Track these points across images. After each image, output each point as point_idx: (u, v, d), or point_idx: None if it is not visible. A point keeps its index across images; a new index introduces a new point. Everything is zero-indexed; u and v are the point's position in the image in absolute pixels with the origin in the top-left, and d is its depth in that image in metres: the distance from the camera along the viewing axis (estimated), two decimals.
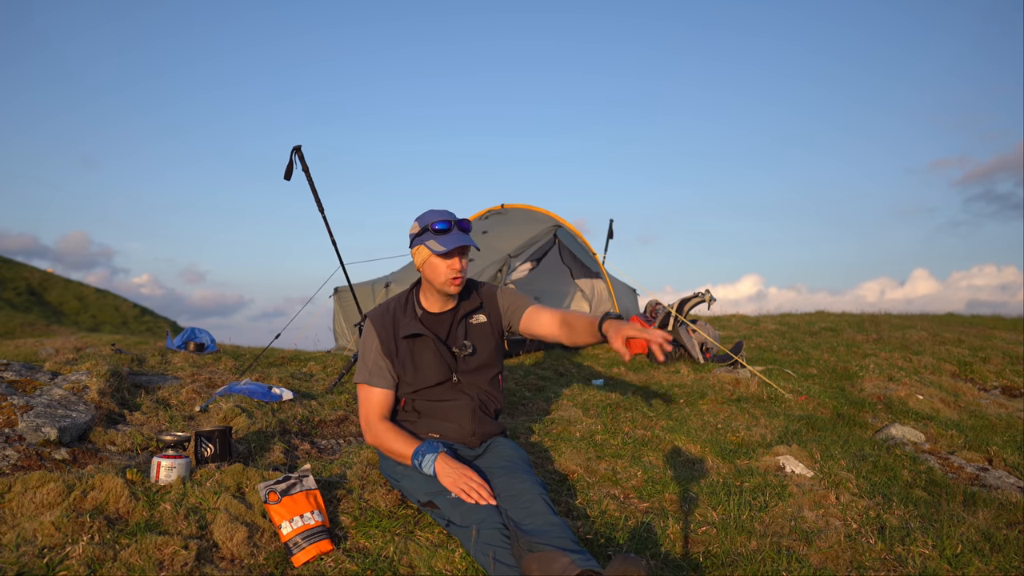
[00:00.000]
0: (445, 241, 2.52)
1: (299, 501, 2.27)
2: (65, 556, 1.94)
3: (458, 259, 2.55)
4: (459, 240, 2.52)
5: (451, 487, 2.32)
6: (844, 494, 2.97)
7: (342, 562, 2.15)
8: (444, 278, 2.56)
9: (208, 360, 4.84)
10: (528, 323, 2.70)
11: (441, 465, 2.39)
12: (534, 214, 7.08)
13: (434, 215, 2.58)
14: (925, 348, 6.98)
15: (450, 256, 2.54)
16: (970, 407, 5.09)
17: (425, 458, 2.43)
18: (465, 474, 2.35)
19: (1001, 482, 3.42)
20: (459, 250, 2.55)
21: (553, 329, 2.63)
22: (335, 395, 4.15)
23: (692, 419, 4.20)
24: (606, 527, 2.59)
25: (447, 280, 2.56)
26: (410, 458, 2.47)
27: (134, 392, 3.62)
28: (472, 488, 2.29)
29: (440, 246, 2.51)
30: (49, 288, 29.82)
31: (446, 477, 2.35)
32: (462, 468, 2.38)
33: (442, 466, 2.38)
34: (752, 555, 2.41)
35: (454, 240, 2.52)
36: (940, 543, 2.54)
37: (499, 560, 2.06)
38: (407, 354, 2.64)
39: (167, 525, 2.19)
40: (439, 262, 2.55)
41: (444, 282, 2.57)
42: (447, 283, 2.57)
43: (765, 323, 9.64)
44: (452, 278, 2.55)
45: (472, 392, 2.67)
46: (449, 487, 2.33)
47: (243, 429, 3.17)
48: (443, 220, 2.55)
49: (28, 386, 3.26)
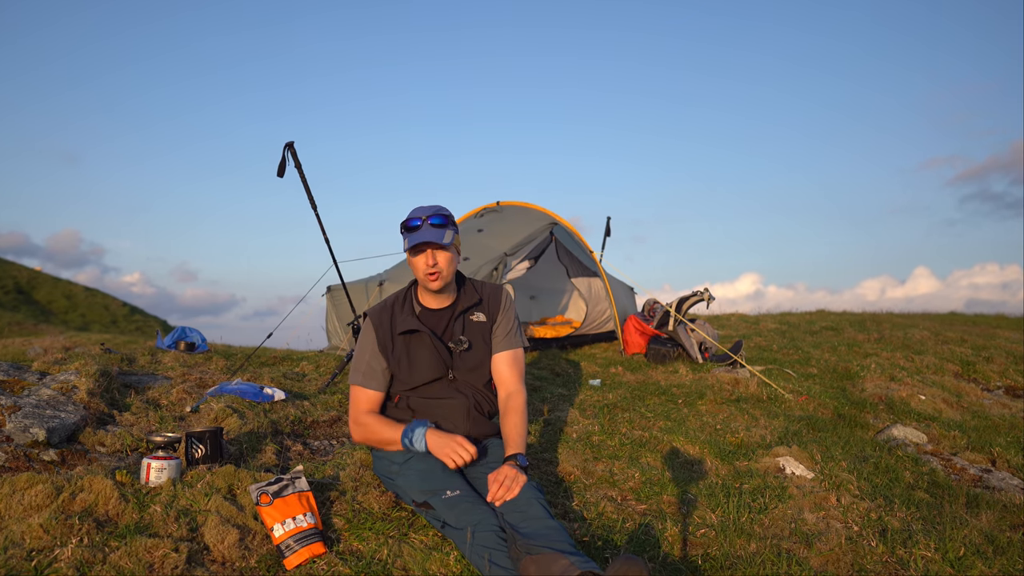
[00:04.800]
0: (411, 238, 2.54)
1: (291, 503, 2.24)
2: (54, 559, 1.91)
3: (429, 254, 2.52)
4: (423, 236, 2.51)
5: (445, 458, 2.39)
6: (845, 496, 2.94)
7: (335, 565, 2.12)
8: (421, 274, 2.57)
9: (199, 360, 4.81)
10: (494, 361, 2.72)
11: (432, 437, 2.45)
12: (530, 211, 7.04)
13: (413, 211, 2.60)
14: (927, 348, 6.96)
15: (416, 252, 2.55)
16: (973, 407, 5.06)
17: (415, 433, 2.48)
18: (456, 440, 2.43)
19: (1004, 484, 3.39)
20: (428, 245, 2.53)
21: (498, 392, 2.70)
22: (328, 395, 4.12)
23: (691, 420, 4.17)
24: (604, 529, 2.56)
25: (423, 276, 2.56)
26: (399, 441, 2.51)
27: (124, 392, 3.59)
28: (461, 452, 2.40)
29: (408, 243, 2.55)
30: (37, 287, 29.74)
31: (439, 448, 2.42)
32: (453, 436, 2.45)
33: (433, 438, 2.45)
34: (752, 558, 2.38)
35: (418, 237, 2.52)
36: (943, 546, 2.51)
37: (495, 563, 2.04)
38: (403, 350, 2.63)
39: (157, 527, 2.16)
40: (414, 259, 2.57)
41: (422, 278, 2.57)
42: (424, 279, 2.57)
43: (765, 322, 9.63)
44: (427, 274, 2.54)
45: (467, 392, 2.66)
46: (443, 458, 2.40)
47: (234, 430, 3.14)
48: (415, 216, 2.57)
49: (16, 386, 3.22)
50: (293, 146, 4.17)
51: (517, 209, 7.22)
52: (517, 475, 2.29)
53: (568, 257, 7.16)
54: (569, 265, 7.21)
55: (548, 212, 6.97)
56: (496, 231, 6.69)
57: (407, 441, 2.49)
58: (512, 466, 2.35)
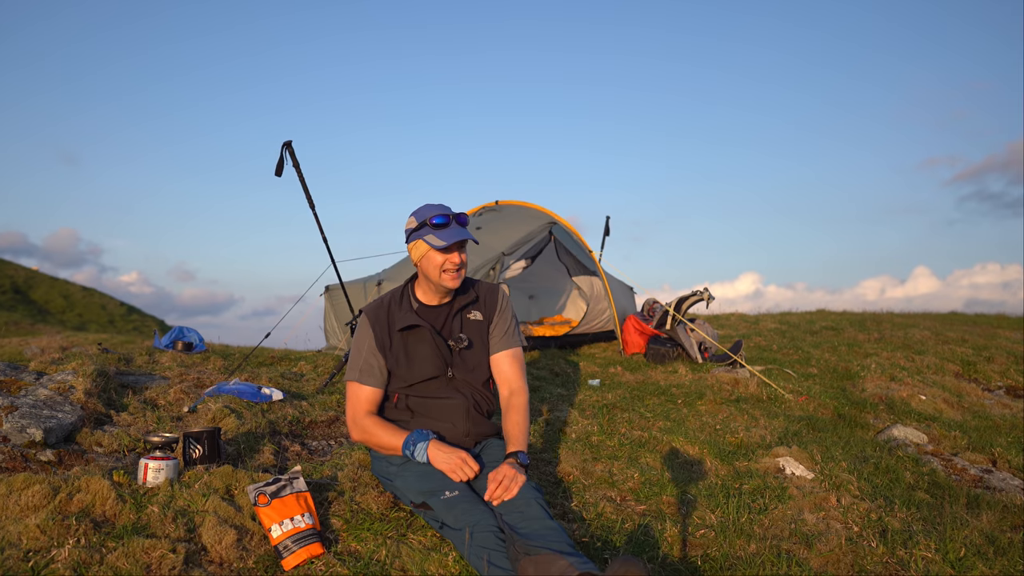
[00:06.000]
0: (445, 235, 2.51)
1: (289, 504, 2.24)
2: (51, 560, 1.90)
3: (457, 253, 2.55)
4: (458, 234, 2.52)
5: (448, 471, 2.37)
6: (845, 496, 2.93)
7: (333, 566, 2.11)
8: (444, 273, 2.55)
9: (196, 360, 4.80)
10: (494, 360, 2.72)
11: (434, 451, 2.43)
12: (529, 211, 7.03)
13: (431, 209, 2.57)
14: (928, 347, 6.95)
15: (449, 251, 2.53)
16: (974, 408, 5.06)
17: (417, 447, 2.46)
18: (460, 456, 2.40)
19: (1005, 484, 3.38)
20: (458, 244, 2.55)
21: (500, 390, 2.71)
22: (326, 395, 4.11)
23: (690, 420, 4.16)
24: (603, 530, 2.55)
25: (447, 275, 2.55)
26: (400, 448, 2.49)
27: (121, 392, 3.58)
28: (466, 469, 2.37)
29: (440, 240, 2.50)
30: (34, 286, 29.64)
31: (441, 462, 2.40)
32: (456, 451, 2.43)
33: (435, 451, 2.43)
34: (751, 558, 2.37)
35: (453, 235, 2.51)
36: (943, 546, 2.50)
37: (493, 563, 2.03)
38: (401, 347, 2.62)
39: (155, 528, 2.16)
40: (438, 256, 2.54)
41: (443, 277, 2.55)
42: (446, 277, 2.55)
43: (765, 322, 9.62)
44: (452, 273, 2.54)
45: (466, 391, 2.65)
46: (447, 471, 2.37)
47: (232, 430, 3.13)
48: (441, 214, 2.54)
49: (13, 386, 3.22)
50: (291, 145, 4.16)
51: (516, 208, 7.21)
52: (516, 475, 2.29)
53: (567, 256, 7.14)
54: (568, 264, 7.20)
55: (547, 211, 6.95)
56: (494, 230, 6.67)
57: (408, 453, 2.47)
58: (512, 465, 2.35)
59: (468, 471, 2.37)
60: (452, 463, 2.39)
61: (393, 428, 2.55)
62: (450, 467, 2.38)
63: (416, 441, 2.47)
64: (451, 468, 2.38)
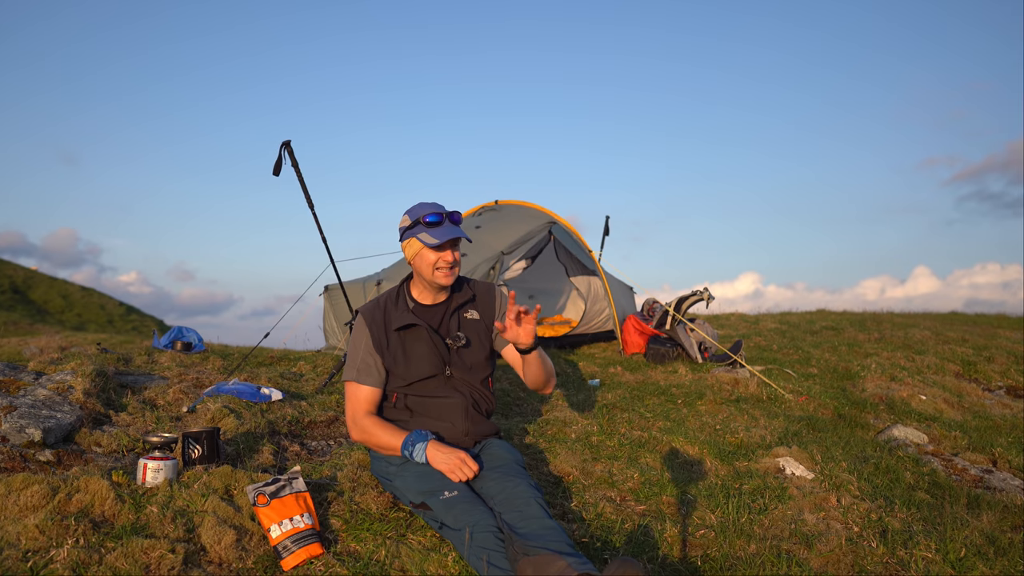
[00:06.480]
0: (438, 233, 2.52)
1: (288, 504, 2.23)
2: (49, 560, 1.90)
3: (450, 251, 2.56)
4: (451, 232, 2.53)
5: (447, 472, 2.37)
6: (845, 496, 2.93)
7: (332, 566, 2.11)
8: (437, 270, 2.55)
9: (196, 360, 4.79)
10: (507, 351, 2.76)
11: (433, 451, 2.43)
12: (528, 210, 7.02)
13: (425, 208, 2.58)
14: (928, 347, 6.94)
15: (443, 248, 2.54)
16: (974, 408, 5.05)
17: (416, 447, 2.46)
18: (459, 456, 2.41)
19: (1006, 484, 3.37)
20: (451, 242, 2.56)
21: (517, 363, 2.72)
22: (325, 395, 4.11)
23: (690, 420, 4.15)
24: (602, 530, 2.55)
25: (440, 272, 2.56)
26: (399, 449, 2.49)
27: (120, 392, 3.57)
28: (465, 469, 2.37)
29: (433, 239, 2.51)
30: (33, 286, 29.54)
31: (440, 463, 2.40)
32: (455, 451, 2.43)
33: (434, 452, 2.43)
34: (751, 559, 2.37)
35: (447, 232, 2.52)
36: (943, 547, 2.50)
37: (493, 564, 2.03)
38: (399, 347, 2.62)
39: (154, 528, 2.15)
40: (431, 254, 2.54)
41: (437, 274, 2.56)
42: (440, 275, 2.56)
43: (765, 322, 9.61)
44: (445, 270, 2.55)
45: (465, 390, 2.65)
46: (445, 472, 2.37)
47: (231, 430, 3.13)
48: (434, 212, 2.55)
49: (11, 386, 3.21)
50: (290, 145, 4.15)
51: (515, 208, 7.21)
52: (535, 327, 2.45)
53: (567, 256, 7.14)
54: (568, 264, 7.19)
55: (547, 211, 6.95)
56: (494, 230, 6.67)
57: (407, 453, 2.47)
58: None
59: (467, 471, 2.37)
60: (451, 463, 2.38)
61: (392, 428, 2.56)
62: (449, 467, 2.38)
63: (415, 442, 2.47)
64: (450, 468, 2.37)
